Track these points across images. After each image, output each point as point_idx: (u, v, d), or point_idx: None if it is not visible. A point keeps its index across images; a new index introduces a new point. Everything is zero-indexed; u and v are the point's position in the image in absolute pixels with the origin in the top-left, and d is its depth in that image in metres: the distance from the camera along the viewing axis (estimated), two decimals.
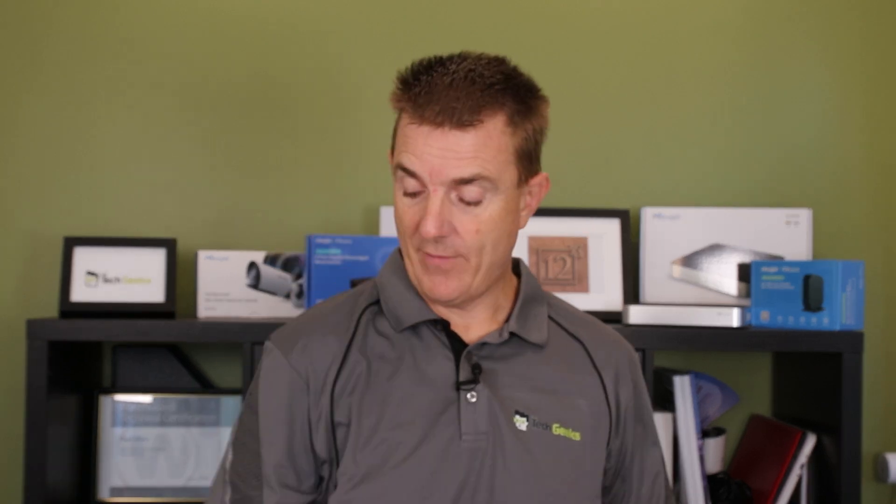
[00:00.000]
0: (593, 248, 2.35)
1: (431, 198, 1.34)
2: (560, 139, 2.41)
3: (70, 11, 2.38)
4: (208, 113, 2.39)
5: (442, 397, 1.39)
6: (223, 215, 2.39)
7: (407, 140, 1.35)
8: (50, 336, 2.07)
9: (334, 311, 1.47)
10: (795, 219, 2.34)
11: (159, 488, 2.27)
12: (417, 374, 1.41)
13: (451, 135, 1.32)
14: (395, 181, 1.39)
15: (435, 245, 1.35)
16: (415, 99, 1.34)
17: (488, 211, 1.36)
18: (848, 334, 2.10)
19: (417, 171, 1.34)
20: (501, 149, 1.35)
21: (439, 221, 1.33)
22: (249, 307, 2.27)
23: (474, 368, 1.40)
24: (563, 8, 2.44)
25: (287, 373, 1.42)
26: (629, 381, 1.51)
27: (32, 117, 2.38)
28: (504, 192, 1.36)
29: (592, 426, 1.45)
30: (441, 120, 1.32)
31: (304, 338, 1.43)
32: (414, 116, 1.34)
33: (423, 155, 1.33)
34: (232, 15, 2.40)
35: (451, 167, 1.33)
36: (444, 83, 1.33)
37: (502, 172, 1.35)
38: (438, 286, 1.38)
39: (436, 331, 1.43)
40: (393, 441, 1.37)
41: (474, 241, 1.36)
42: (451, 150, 1.32)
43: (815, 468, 2.19)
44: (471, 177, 1.33)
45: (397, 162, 1.37)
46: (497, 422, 1.39)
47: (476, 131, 1.33)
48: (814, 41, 2.46)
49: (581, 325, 1.52)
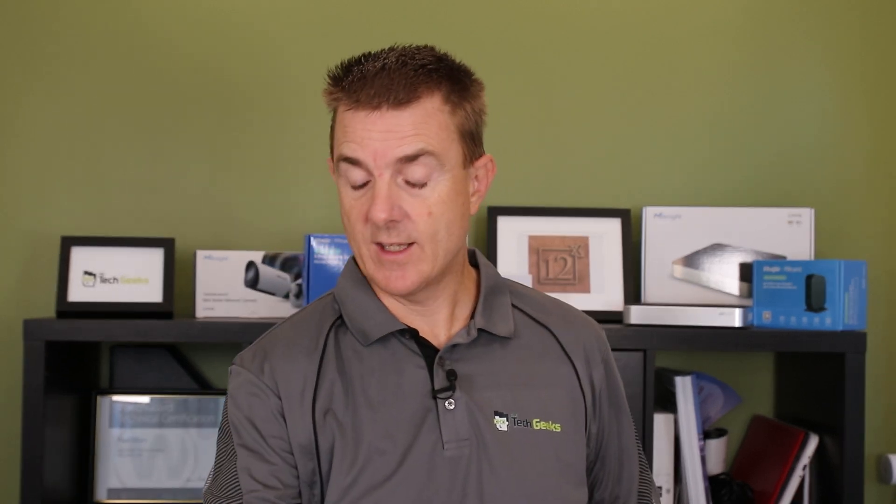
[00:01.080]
0: (594, 247, 2.34)
1: (378, 182, 1.32)
2: (560, 139, 2.42)
3: (69, 11, 2.37)
4: (207, 112, 2.39)
5: (420, 407, 1.37)
6: (222, 215, 2.38)
7: (346, 130, 1.34)
8: (47, 336, 2.06)
9: (299, 332, 1.43)
10: (797, 218, 2.33)
11: (157, 490, 2.25)
12: (392, 387, 1.38)
13: (390, 115, 1.31)
14: (337, 180, 1.37)
15: (388, 232, 1.33)
16: (348, 87, 1.33)
17: (437, 191, 1.33)
18: (850, 334, 2.10)
19: (360, 158, 1.32)
20: (442, 126, 1.33)
21: (388, 204, 1.31)
22: (248, 307, 2.26)
23: (449, 375, 1.38)
24: (562, 8, 2.44)
25: (258, 389, 1.38)
26: (599, 362, 1.49)
27: (30, 117, 2.37)
28: (451, 170, 1.34)
29: (571, 414, 1.44)
30: (378, 102, 1.31)
31: (271, 359, 1.39)
32: (349, 103, 1.33)
33: (363, 140, 1.32)
34: (231, 15, 2.39)
35: (393, 147, 1.31)
36: (376, 68, 1.32)
37: (446, 150, 1.34)
38: (395, 281, 1.35)
39: (404, 340, 1.40)
40: (377, 456, 1.35)
41: (427, 226, 1.33)
42: (391, 130, 1.31)
43: (817, 469, 2.18)
44: (415, 153, 1.31)
45: (338, 154, 1.35)
46: (478, 426, 1.38)
47: (413, 109, 1.32)
48: (814, 41, 2.45)
49: (546, 311, 1.50)
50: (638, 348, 2.08)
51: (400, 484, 1.35)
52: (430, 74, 1.33)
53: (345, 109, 1.34)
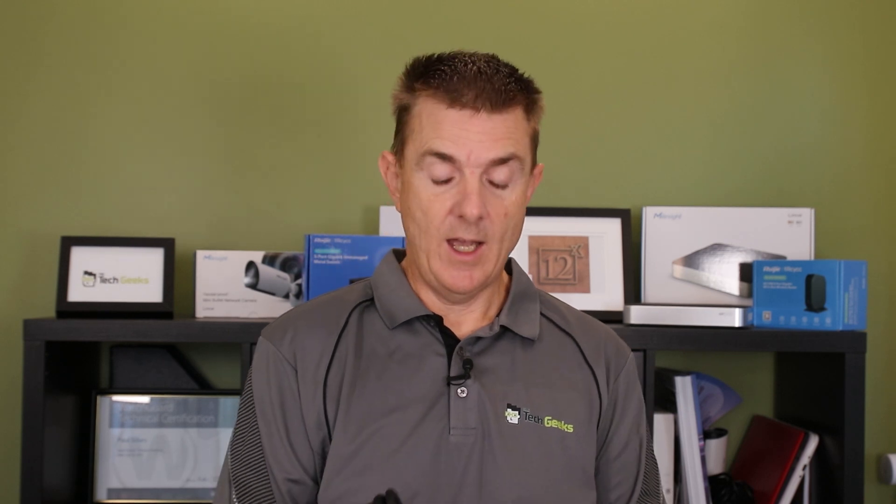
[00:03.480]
0: (594, 247, 2.34)
1: (469, 180, 1.37)
2: (561, 139, 2.42)
3: (69, 11, 2.37)
4: (207, 112, 2.39)
5: (433, 392, 1.41)
6: (222, 215, 2.38)
7: (439, 126, 1.38)
8: (47, 336, 2.06)
9: (324, 307, 1.49)
10: (798, 218, 2.33)
11: (157, 489, 2.25)
12: (409, 369, 1.42)
13: (489, 118, 1.37)
14: (415, 172, 1.40)
15: (468, 229, 1.38)
16: (447, 84, 1.38)
17: (515, 194, 1.41)
18: (850, 334, 2.09)
19: (454, 155, 1.37)
20: (526, 133, 1.42)
21: (481, 201, 1.37)
22: (248, 307, 2.26)
23: (465, 364, 1.41)
24: (562, 8, 2.43)
25: (276, 360, 1.44)
26: (620, 375, 1.52)
27: (30, 116, 2.37)
28: (525, 175, 1.42)
29: (585, 418, 1.46)
30: (479, 105, 1.37)
31: (292, 330, 1.46)
32: (448, 101, 1.38)
33: (458, 138, 1.37)
34: (231, 14, 2.39)
35: (487, 149, 1.37)
36: (471, 71, 1.38)
37: (526, 155, 1.42)
38: (461, 280, 1.40)
39: (429, 326, 1.45)
40: (383, 431, 1.39)
41: (502, 226, 1.40)
42: (488, 133, 1.37)
43: (817, 469, 2.18)
44: (506, 156, 1.38)
45: (427, 149, 1.39)
46: (487, 417, 1.41)
47: (507, 115, 1.39)
48: (814, 41, 2.45)
49: (573, 322, 1.54)
50: (638, 348, 2.07)
51: (401, 462, 1.38)
52: (518, 84, 1.41)
53: (440, 106, 1.38)
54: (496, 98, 1.37)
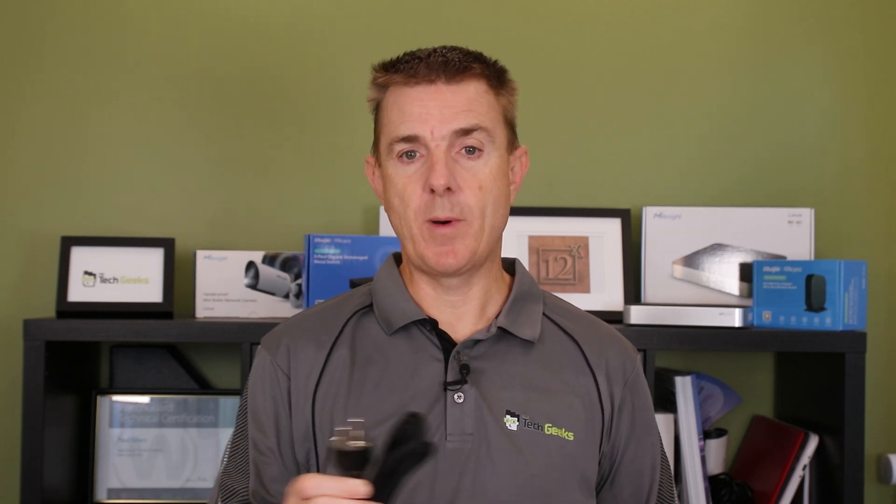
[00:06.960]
0: (594, 247, 2.34)
1: (434, 152, 1.38)
2: (561, 139, 2.42)
3: (69, 11, 2.37)
4: (207, 112, 2.39)
5: (429, 397, 1.39)
6: (222, 215, 2.38)
7: (402, 110, 1.40)
8: (47, 336, 2.06)
9: (321, 315, 1.49)
10: (798, 218, 2.33)
11: (157, 490, 2.25)
12: (405, 375, 1.41)
13: (446, 89, 1.39)
14: (388, 162, 1.42)
15: (442, 204, 1.37)
16: (404, 67, 1.40)
17: (488, 166, 1.40)
18: (850, 334, 2.09)
19: (419, 133, 1.38)
20: (491, 105, 1.42)
21: (446, 170, 1.37)
22: (248, 307, 2.26)
23: (462, 369, 1.40)
24: (562, 8, 2.43)
25: (270, 370, 1.45)
26: (624, 380, 1.49)
27: (30, 116, 2.37)
28: (498, 149, 1.42)
29: (586, 425, 1.44)
30: (434, 77, 1.39)
31: (287, 339, 1.46)
32: (405, 79, 1.40)
33: (420, 116, 1.38)
34: (231, 15, 2.39)
35: (450, 119, 1.38)
36: (425, 54, 1.41)
37: (495, 128, 1.42)
38: (445, 256, 1.39)
39: (425, 331, 1.43)
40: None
41: (478, 199, 1.39)
42: (447, 104, 1.38)
43: (817, 469, 2.18)
44: (470, 126, 1.38)
45: (395, 136, 1.40)
46: (484, 423, 1.39)
47: (466, 86, 1.40)
48: (814, 41, 2.45)
49: (578, 324, 1.51)
50: (638, 348, 2.06)
51: None
52: (477, 60, 1.42)
53: (403, 90, 1.40)
54: (451, 68, 1.38)
